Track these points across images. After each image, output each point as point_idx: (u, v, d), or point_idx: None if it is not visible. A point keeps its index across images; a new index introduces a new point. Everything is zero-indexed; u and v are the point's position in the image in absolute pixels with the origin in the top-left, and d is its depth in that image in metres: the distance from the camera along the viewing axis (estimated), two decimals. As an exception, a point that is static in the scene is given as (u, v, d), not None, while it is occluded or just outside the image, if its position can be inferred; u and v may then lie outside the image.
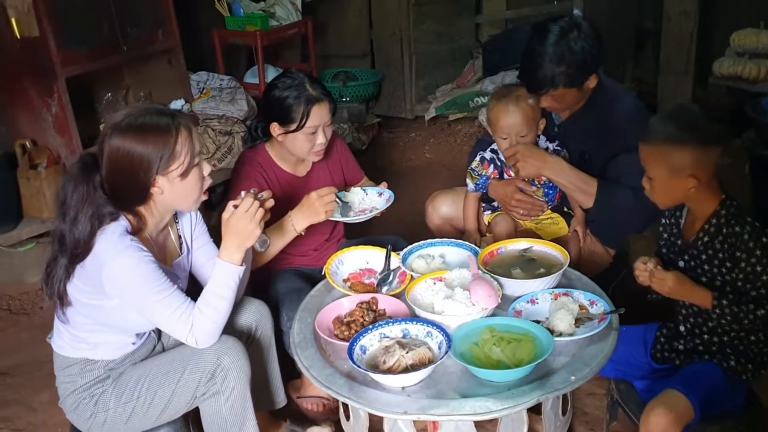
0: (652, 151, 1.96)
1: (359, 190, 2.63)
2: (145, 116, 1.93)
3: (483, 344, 1.90)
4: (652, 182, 1.99)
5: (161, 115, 1.95)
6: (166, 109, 2.01)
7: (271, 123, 2.57)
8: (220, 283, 1.99)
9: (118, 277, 1.89)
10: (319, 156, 2.61)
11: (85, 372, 2.05)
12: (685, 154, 1.90)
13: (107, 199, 1.93)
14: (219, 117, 4.32)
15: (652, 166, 1.97)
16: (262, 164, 2.65)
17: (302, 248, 2.77)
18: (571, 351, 1.92)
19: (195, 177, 1.99)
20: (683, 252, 2.07)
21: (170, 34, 4.20)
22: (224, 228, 2.01)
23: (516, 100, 2.51)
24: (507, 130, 2.55)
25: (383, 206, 2.57)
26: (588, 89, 2.54)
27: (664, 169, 1.93)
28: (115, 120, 1.95)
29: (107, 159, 1.92)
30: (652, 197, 2.03)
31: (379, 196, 2.63)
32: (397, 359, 1.84)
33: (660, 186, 1.97)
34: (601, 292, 2.17)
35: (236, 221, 1.99)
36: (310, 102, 2.49)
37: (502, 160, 2.69)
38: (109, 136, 1.92)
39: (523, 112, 2.51)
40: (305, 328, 2.11)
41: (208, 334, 1.98)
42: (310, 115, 2.49)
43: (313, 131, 2.52)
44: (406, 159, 5.29)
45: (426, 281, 2.18)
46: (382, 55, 5.87)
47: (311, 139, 2.54)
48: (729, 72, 4.60)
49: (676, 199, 2.02)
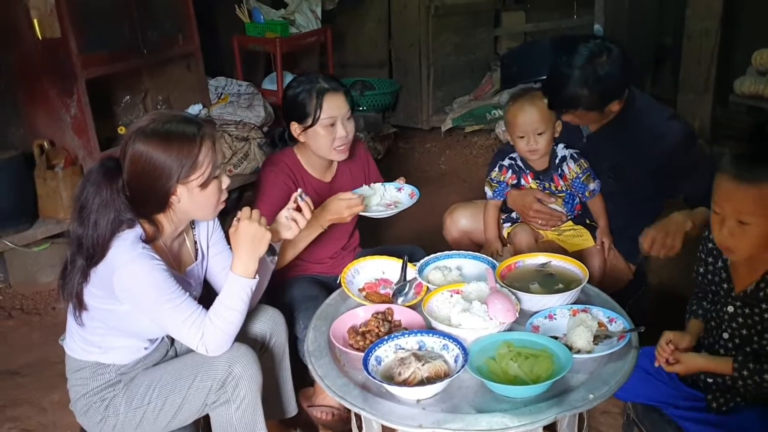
0: (757, 193, 1.72)
1: (379, 185, 2.60)
2: (171, 123, 1.93)
3: (500, 359, 1.87)
4: (745, 228, 1.77)
5: (188, 123, 1.94)
6: (193, 118, 2.00)
7: (291, 123, 2.57)
8: (232, 296, 1.98)
9: (129, 283, 1.88)
10: (343, 154, 2.59)
11: (97, 375, 2.04)
12: None
13: (128, 204, 1.93)
14: (236, 123, 4.32)
15: (752, 209, 1.74)
16: (291, 167, 2.64)
17: (318, 255, 2.76)
18: (589, 368, 1.89)
19: (214, 188, 1.98)
20: (735, 299, 1.96)
21: (190, 39, 4.22)
22: (233, 241, 2.01)
23: (531, 99, 2.55)
24: (524, 128, 2.56)
25: (408, 202, 2.53)
26: (610, 112, 2.51)
27: (764, 216, 1.73)
28: (140, 124, 1.94)
29: (129, 163, 1.91)
30: (731, 245, 1.83)
31: (397, 191, 2.60)
32: (412, 371, 1.81)
33: (755, 235, 1.77)
34: (620, 309, 2.14)
35: (244, 229, 1.98)
36: (322, 93, 2.49)
37: (520, 166, 2.69)
38: (133, 140, 1.91)
39: (539, 109, 2.54)
40: (320, 336, 2.09)
41: (219, 344, 1.97)
42: (323, 105, 2.48)
43: (331, 122, 2.51)
44: (421, 170, 5.27)
45: (443, 293, 2.15)
46: (400, 65, 5.88)
47: (330, 132, 2.52)
48: (750, 91, 4.57)
49: (751, 269, 1.88)
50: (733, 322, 1.98)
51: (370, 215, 2.52)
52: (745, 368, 1.87)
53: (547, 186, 2.67)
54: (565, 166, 2.61)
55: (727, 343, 2.01)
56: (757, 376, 1.85)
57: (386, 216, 2.54)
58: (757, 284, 1.90)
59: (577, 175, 2.61)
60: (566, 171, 2.61)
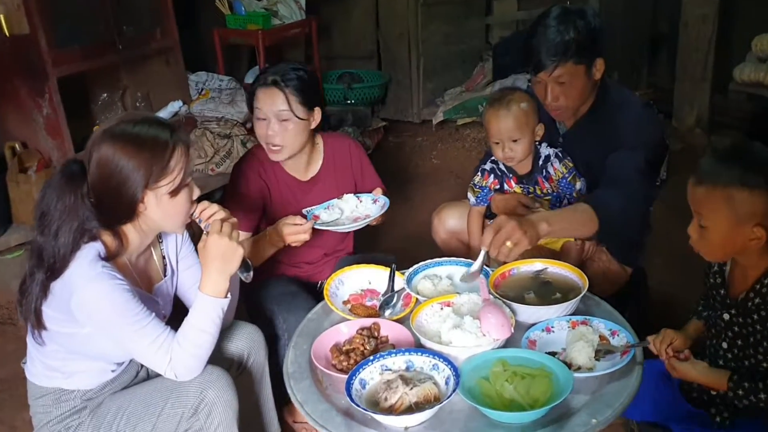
0: (710, 195, 1.68)
1: (352, 197, 2.47)
2: (142, 125, 1.79)
3: (494, 380, 1.73)
4: (704, 231, 1.72)
5: (160, 126, 1.80)
6: (166, 121, 1.87)
7: None
8: (201, 317, 1.83)
9: (88, 305, 1.73)
10: (272, 155, 2.41)
11: (60, 402, 1.89)
12: (757, 201, 1.64)
13: (93, 212, 1.78)
14: (218, 119, 4.17)
15: (709, 212, 1.70)
16: (264, 162, 2.49)
17: (294, 259, 2.61)
18: (590, 388, 1.75)
19: (184, 197, 1.83)
20: (730, 306, 1.85)
21: (168, 33, 4.08)
22: (202, 258, 1.86)
23: (507, 103, 2.39)
24: (498, 135, 2.42)
25: (377, 213, 2.41)
26: (595, 81, 2.41)
27: (727, 217, 1.67)
28: (108, 125, 1.80)
29: (95, 167, 1.77)
30: (698, 248, 1.78)
31: (373, 203, 2.47)
32: (399, 396, 1.67)
33: (716, 236, 1.71)
34: (623, 321, 2.00)
35: (213, 244, 1.83)
36: (257, 83, 2.38)
37: (502, 170, 2.55)
38: (100, 143, 1.76)
39: (515, 116, 2.38)
40: (300, 356, 1.94)
41: (189, 369, 1.82)
42: (255, 95, 2.38)
43: (262, 117, 2.36)
44: (412, 165, 5.12)
45: (432, 306, 2.01)
46: (389, 56, 5.71)
47: (261, 126, 2.38)
48: (750, 78, 4.44)
49: (731, 252, 1.78)
50: (729, 331, 1.86)
51: (331, 229, 2.39)
52: (740, 387, 1.75)
53: (531, 190, 2.52)
54: (550, 166, 2.46)
55: (726, 353, 1.89)
56: (753, 396, 1.73)
57: (348, 230, 2.43)
58: (747, 293, 1.79)
59: (563, 176, 2.46)
60: (551, 172, 2.46)
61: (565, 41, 2.31)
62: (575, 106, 2.45)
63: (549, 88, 2.38)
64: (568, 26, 2.32)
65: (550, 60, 2.33)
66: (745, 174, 1.65)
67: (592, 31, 2.35)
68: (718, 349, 1.90)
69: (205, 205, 1.89)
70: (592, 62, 2.38)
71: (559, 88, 2.37)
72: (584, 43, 2.33)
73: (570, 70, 2.34)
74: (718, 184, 1.67)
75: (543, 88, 2.40)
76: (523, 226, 1.95)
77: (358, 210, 2.45)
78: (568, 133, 2.56)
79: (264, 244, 2.36)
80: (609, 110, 2.45)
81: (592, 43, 2.35)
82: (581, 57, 2.34)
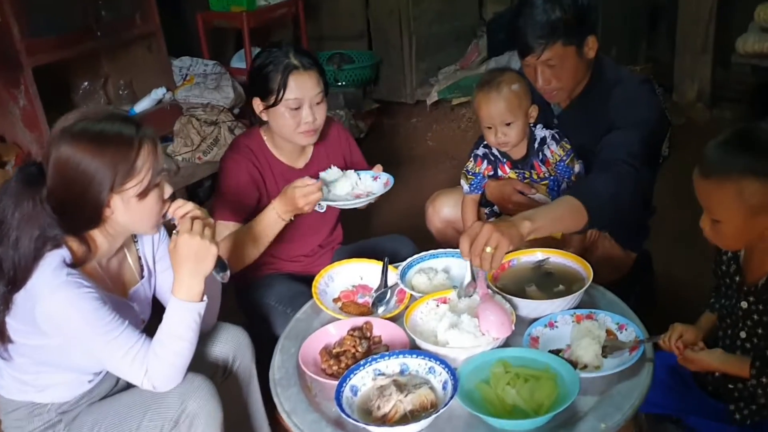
0: (719, 189, 1.58)
1: (352, 173, 2.34)
2: (104, 122, 1.64)
3: (495, 383, 1.61)
4: (717, 225, 1.63)
5: (124, 122, 1.66)
6: (131, 117, 1.72)
7: (254, 98, 2.29)
8: (176, 324, 1.70)
9: (54, 316, 1.61)
10: (308, 138, 2.30)
11: (33, 417, 1.78)
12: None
13: (54, 219, 1.64)
14: (204, 106, 4.02)
15: (719, 205, 1.60)
16: (255, 151, 2.36)
17: (291, 253, 2.50)
18: (598, 388, 1.63)
19: (153, 199, 1.69)
20: (747, 293, 1.74)
21: (149, 18, 3.91)
22: (173, 259, 1.72)
23: (498, 86, 2.25)
24: (489, 120, 2.29)
25: (380, 191, 2.29)
26: (589, 60, 2.28)
27: (739, 208, 1.57)
28: (66, 123, 1.65)
29: (53, 169, 1.63)
30: (713, 241, 1.69)
31: (373, 180, 2.35)
32: (393, 405, 1.55)
33: (731, 229, 1.62)
34: (631, 313, 1.88)
35: (183, 245, 1.69)
36: (288, 69, 2.20)
37: (496, 155, 2.41)
38: (58, 142, 1.62)
39: (506, 98, 2.25)
40: (287, 360, 1.82)
41: (167, 378, 1.70)
42: (287, 84, 2.20)
43: (296, 105, 2.22)
44: (407, 148, 4.98)
45: (428, 303, 1.89)
46: (380, 35, 5.53)
47: (294, 116, 2.23)
48: (754, 49, 4.28)
49: (747, 242, 1.68)
50: (748, 320, 1.75)
51: (336, 205, 2.26)
52: (764, 374, 1.64)
53: (527, 175, 2.39)
54: (546, 149, 2.33)
55: (745, 343, 1.77)
56: None
57: (355, 206, 2.28)
58: (767, 279, 1.68)
59: (561, 158, 2.32)
60: (548, 155, 2.33)
61: (552, 21, 2.18)
62: (569, 88, 2.31)
63: (539, 71, 2.25)
64: (554, 5, 2.18)
65: (537, 42, 2.20)
66: (755, 163, 1.54)
67: (580, 9, 2.21)
68: (735, 339, 1.79)
69: (179, 204, 1.76)
70: (583, 41, 2.24)
71: (549, 71, 2.24)
72: (572, 22, 2.20)
73: (559, 52, 2.21)
74: (726, 177, 1.56)
75: (533, 72, 2.27)
76: (500, 227, 1.77)
77: (359, 187, 2.33)
78: (563, 114, 2.43)
79: (269, 222, 2.20)
80: (604, 89, 2.32)
81: (581, 21, 2.22)
82: (570, 37, 2.20)
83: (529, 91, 2.30)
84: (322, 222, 2.52)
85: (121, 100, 4.15)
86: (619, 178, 2.06)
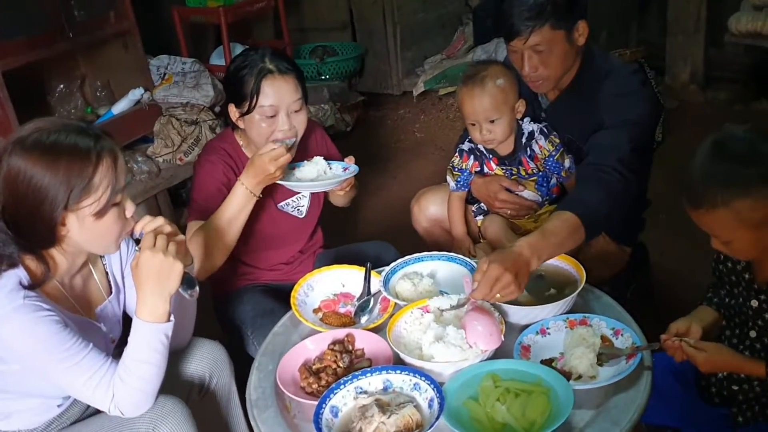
0: (715, 216, 1.51)
1: (321, 159, 2.20)
2: (59, 133, 1.53)
3: (484, 399, 1.51)
4: (730, 245, 1.57)
5: (81, 134, 1.54)
6: (90, 128, 1.58)
7: (229, 105, 2.17)
8: (142, 347, 1.59)
9: (10, 342, 1.51)
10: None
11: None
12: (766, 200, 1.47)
13: (9, 235, 1.54)
14: (183, 105, 3.90)
15: (723, 231, 1.54)
16: (232, 155, 2.24)
17: (270, 261, 2.39)
18: (593, 401, 1.54)
19: (112, 218, 1.58)
20: (758, 292, 1.66)
21: (124, 16, 3.79)
22: (135, 278, 1.61)
23: (482, 81, 2.15)
24: (474, 116, 2.19)
25: (346, 175, 2.17)
26: (578, 46, 2.18)
27: (742, 227, 1.50)
28: (21, 134, 1.54)
29: (4, 183, 1.52)
30: (732, 255, 1.65)
31: (344, 171, 2.22)
32: (376, 428, 1.45)
33: (743, 245, 1.56)
34: (627, 317, 1.78)
35: (145, 262, 1.57)
36: (263, 74, 2.07)
37: (482, 150, 2.31)
38: (10, 154, 1.51)
39: (491, 94, 2.15)
40: (264, 379, 1.72)
41: (135, 404, 1.60)
42: (261, 90, 2.06)
43: (272, 113, 2.09)
44: (395, 140, 4.89)
45: (412, 312, 1.78)
46: (364, 26, 5.45)
47: (270, 124, 2.10)
48: (747, 29, 4.18)
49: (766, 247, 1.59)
50: (759, 319, 1.67)
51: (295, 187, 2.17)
52: None
53: (515, 172, 2.28)
54: (535, 144, 2.22)
55: (755, 342, 1.70)
56: None
57: (319, 190, 2.22)
58: None
59: (550, 154, 2.22)
60: (537, 150, 2.22)
61: (539, 3, 2.07)
62: (556, 76, 2.20)
63: (526, 57, 2.13)
64: None
65: (524, 25, 2.08)
66: (739, 181, 1.47)
67: None
68: (744, 338, 1.71)
69: (147, 220, 1.64)
70: (573, 26, 2.13)
71: (537, 57, 2.13)
72: (562, 4, 2.09)
73: (547, 36, 2.09)
74: (716, 205, 1.49)
75: (520, 58, 2.16)
76: (518, 278, 1.68)
77: (326, 176, 2.20)
78: (551, 107, 2.32)
79: (240, 200, 2.09)
80: (594, 81, 2.22)
81: (571, 3, 2.11)
82: (559, 20, 2.09)
83: (517, 85, 2.20)
84: (302, 225, 2.41)
85: (99, 101, 4.03)
86: (612, 193, 1.97)
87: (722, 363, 1.65)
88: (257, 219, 2.25)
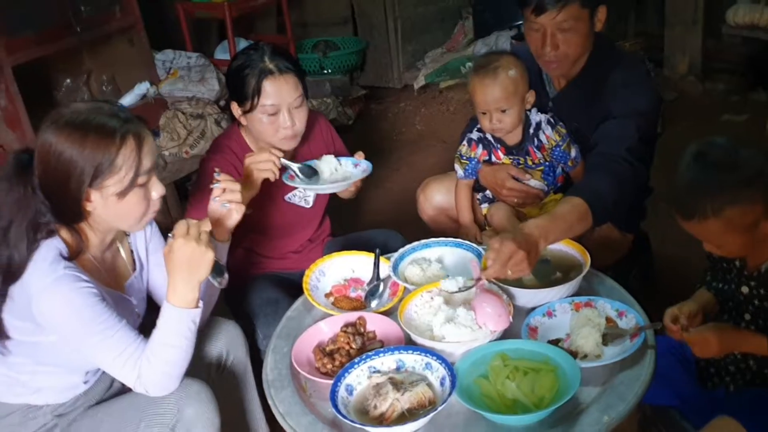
0: (706, 226, 1.57)
1: (332, 158, 2.26)
2: (90, 114, 1.60)
3: (494, 377, 1.57)
4: (722, 248, 1.64)
5: (111, 116, 1.61)
6: (122, 112, 1.64)
7: (232, 103, 2.22)
8: (170, 332, 1.65)
9: (50, 312, 1.57)
10: (289, 143, 2.22)
11: (28, 420, 1.74)
12: (754, 205, 1.53)
13: (47, 206, 1.62)
14: (189, 99, 3.95)
15: (716, 238, 1.61)
16: (236, 151, 2.29)
17: (280, 250, 2.44)
18: (599, 378, 1.59)
19: (136, 198, 1.64)
20: (748, 278, 1.71)
21: (129, 10, 3.82)
22: (167, 264, 1.66)
23: (494, 71, 2.19)
24: (485, 106, 2.23)
25: (359, 176, 2.22)
26: (595, 31, 2.21)
27: (734, 232, 1.56)
28: (58, 113, 1.62)
29: (38, 157, 1.61)
30: (727, 255, 1.71)
31: (354, 167, 2.27)
32: (390, 404, 1.51)
33: (735, 248, 1.63)
34: (630, 299, 1.84)
35: (179, 250, 1.63)
36: (263, 75, 2.12)
37: (490, 140, 2.36)
38: (44, 130, 1.60)
39: (503, 84, 2.18)
40: (280, 360, 1.78)
41: (160, 385, 1.65)
42: (261, 90, 2.12)
43: (273, 111, 2.14)
44: (396, 133, 4.93)
45: (422, 295, 1.84)
46: (365, 20, 5.47)
47: (273, 121, 2.16)
48: (745, 20, 4.23)
49: (757, 245, 1.65)
50: (750, 305, 1.72)
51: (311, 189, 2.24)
52: None
53: (522, 161, 2.33)
54: (542, 134, 2.27)
55: (749, 324, 1.74)
56: None
57: (331, 191, 2.26)
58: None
59: (556, 144, 2.27)
60: (544, 140, 2.27)
61: None
62: (575, 57, 2.23)
63: (549, 34, 2.15)
64: None
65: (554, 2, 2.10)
66: (725, 190, 1.52)
67: None
68: (739, 321, 1.76)
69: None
70: (596, 9, 2.17)
71: (561, 35, 2.15)
72: None
73: (575, 13, 2.12)
74: (707, 216, 1.55)
75: (541, 37, 2.17)
76: (530, 256, 1.75)
77: (338, 173, 2.26)
78: (558, 96, 2.37)
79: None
80: (601, 71, 2.26)
81: None
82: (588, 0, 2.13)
83: (527, 76, 2.24)
84: (309, 215, 2.47)
85: (105, 96, 4.06)
86: (621, 182, 2.02)
87: (733, 341, 1.68)
88: (266, 211, 2.31)
